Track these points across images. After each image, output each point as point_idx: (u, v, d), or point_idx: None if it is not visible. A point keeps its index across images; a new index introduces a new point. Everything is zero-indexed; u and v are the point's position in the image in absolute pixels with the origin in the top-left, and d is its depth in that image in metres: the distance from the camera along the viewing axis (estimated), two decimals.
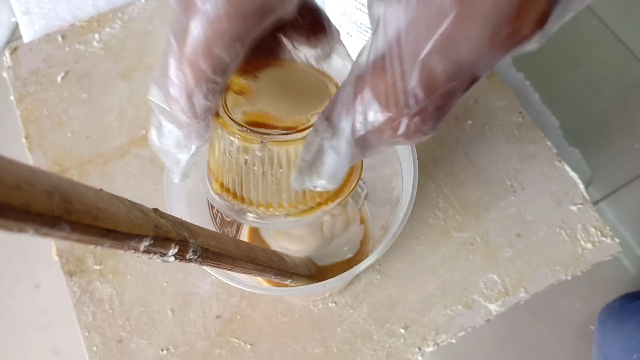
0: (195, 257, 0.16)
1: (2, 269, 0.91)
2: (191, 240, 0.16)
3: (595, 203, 0.93)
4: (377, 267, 0.37)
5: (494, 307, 0.36)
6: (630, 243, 0.90)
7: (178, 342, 0.35)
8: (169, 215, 0.16)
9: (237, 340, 0.35)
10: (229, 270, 0.20)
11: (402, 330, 0.35)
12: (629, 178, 0.94)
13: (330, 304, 0.36)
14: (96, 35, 0.47)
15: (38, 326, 0.87)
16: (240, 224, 0.33)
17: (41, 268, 0.90)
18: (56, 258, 0.37)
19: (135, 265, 0.37)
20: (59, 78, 0.45)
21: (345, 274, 0.21)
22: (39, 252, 0.90)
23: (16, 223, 0.09)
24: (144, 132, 0.42)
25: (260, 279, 0.33)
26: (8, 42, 1.16)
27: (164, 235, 0.15)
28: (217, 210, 0.28)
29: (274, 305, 0.36)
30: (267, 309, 0.36)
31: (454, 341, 0.36)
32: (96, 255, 0.37)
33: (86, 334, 0.35)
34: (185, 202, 0.24)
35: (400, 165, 0.26)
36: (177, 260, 0.16)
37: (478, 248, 0.38)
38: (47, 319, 0.87)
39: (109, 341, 0.35)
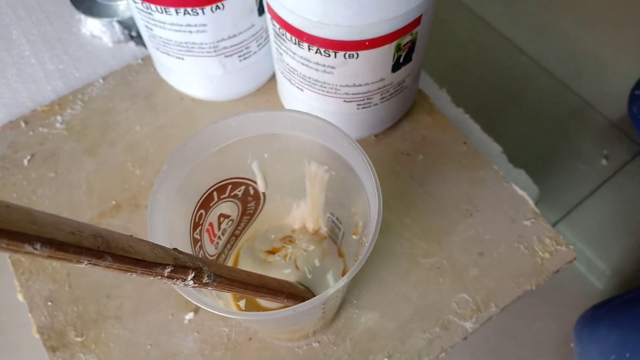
0: (210, 280, 0.20)
1: None
2: (205, 268, 0.20)
3: (553, 225, 0.97)
4: (355, 301, 0.39)
5: (469, 325, 0.38)
6: (592, 260, 0.94)
7: None
8: (186, 252, 0.20)
9: None
10: (242, 293, 0.24)
11: None
12: (580, 198, 1.00)
13: (314, 344, 0.37)
14: (58, 117, 0.48)
15: None
16: (225, 257, 0.35)
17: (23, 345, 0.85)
18: (37, 336, 0.36)
19: (117, 333, 0.37)
20: (25, 161, 0.46)
21: (308, 301, 0.22)
22: (19, 332, 0.86)
23: (74, 256, 0.14)
24: (113, 202, 0.43)
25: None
26: None
27: (182, 264, 0.19)
28: (199, 249, 0.30)
29: (258, 353, 0.37)
30: (252, 358, 0.36)
31: None
32: (77, 328, 0.37)
33: None
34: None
35: (369, 204, 0.28)
36: (197, 285, 0.20)
37: (446, 271, 0.40)
38: None
39: None
